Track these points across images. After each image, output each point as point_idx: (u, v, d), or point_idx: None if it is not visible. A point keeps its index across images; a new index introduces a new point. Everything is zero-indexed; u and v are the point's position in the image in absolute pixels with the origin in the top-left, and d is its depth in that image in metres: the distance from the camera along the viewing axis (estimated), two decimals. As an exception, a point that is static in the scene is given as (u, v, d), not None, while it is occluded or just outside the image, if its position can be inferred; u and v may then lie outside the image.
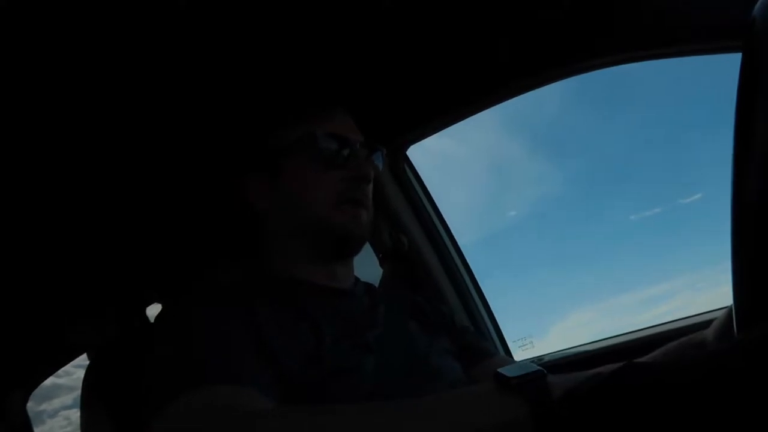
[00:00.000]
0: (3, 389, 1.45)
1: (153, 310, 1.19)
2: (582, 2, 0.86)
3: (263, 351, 0.62)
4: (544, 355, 1.36)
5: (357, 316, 0.75)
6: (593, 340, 1.30)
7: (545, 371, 0.47)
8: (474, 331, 1.18)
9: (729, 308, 0.63)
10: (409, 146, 1.29)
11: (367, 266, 1.29)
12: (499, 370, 0.48)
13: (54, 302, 1.20)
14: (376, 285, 1.29)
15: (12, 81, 0.69)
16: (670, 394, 0.38)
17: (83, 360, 1.34)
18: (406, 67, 0.98)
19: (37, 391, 1.53)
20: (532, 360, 1.34)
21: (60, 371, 1.51)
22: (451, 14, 0.86)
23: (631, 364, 0.41)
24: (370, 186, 0.79)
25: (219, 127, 0.93)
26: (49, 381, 1.54)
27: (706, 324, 1.02)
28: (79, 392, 0.94)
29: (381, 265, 1.32)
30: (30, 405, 1.52)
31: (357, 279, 0.86)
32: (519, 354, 1.45)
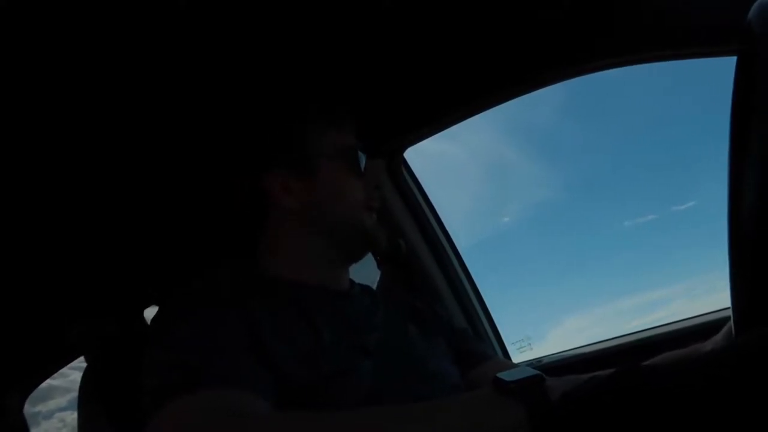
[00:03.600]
0: (1, 390, 1.44)
1: (151, 312, 1.19)
2: (581, 4, 0.87)
3: (260, 353, 0.61)
4: (542, 357, 1.36)
5: (355, 319, 0.75)
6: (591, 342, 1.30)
7: (543, 375, 0.47)
8: (472, 333, 1.18)
9: (729, 326, 0.63)
10: (407, 148, 1.29)
11: (365, 270, 1.29)
12: (497, 375, 0.48)
13: (53, 303, 1.20)
14: (374, 288, 1.29)
15: (12, 81, 0.69)
16: (667, 396, 0.38)
17: (79, 362, 1.33)
18: (404, 68, 0.98)
19: (32, 393, 1.53)
20: (530, 362, 1.34)
21: (55, 373, 1.50)
22: (449, 15, 0.86)
23: (629, 367, 0.42)
24: None
25: (212, 126, 0.93)
26: (45, 383, 1.53)
27: (703, 326, 1.02)
28: (74, 394, 0.94)
29: (379, 268, 1.32)
30: (26, 406, 1.52)
31: (352, 281, 0.86)
32: (517, 356, 1.45)
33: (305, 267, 0.78)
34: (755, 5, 0.46)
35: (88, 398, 0.94)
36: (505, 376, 0.47)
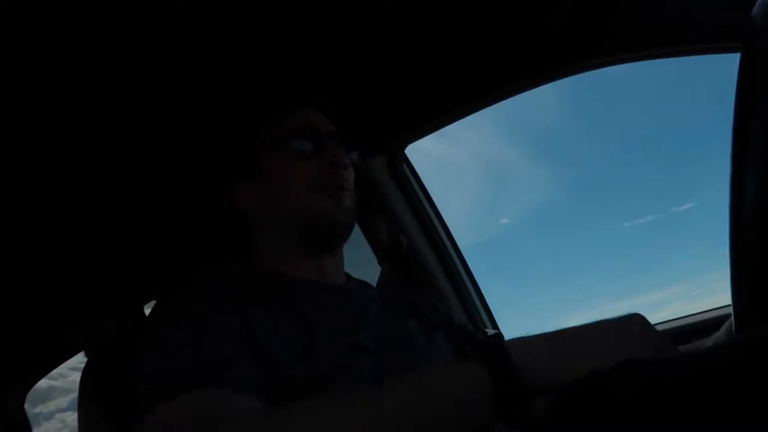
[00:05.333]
0: (1, 388, 1.44)
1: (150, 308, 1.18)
2: (581, 2, 0.86)
3: (254, 351, 0.61)
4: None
5: (352, 315, 0.75)
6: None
7: (501, 335, 0.49)
8: (472, 329, 1.18)
9: (729, 323, 0.63)
10: (407, 145, 1.29)
11: (366, 266, 1.29)
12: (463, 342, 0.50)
13: (51, 301, 1.20)
14: (374, 285, 1.29)
15: (11, 81, 0.69)
16: (668, 390, 0.38)
17: (79, 363, 1.33)
18: (406, 65, 0.98)
19: (33, 394, 1.53)
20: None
21: (55, 374, 1.50)
22: (450, 12, 0.86)
23: (628, 362, 0.42)
24: (349, 171, 0.80)
25: (214, 129, 0.93)
26: (45, 384, 1.53)
27: (704, 323, 1.02)
28: (75, 395, 0.94)
29: (379, 264, 1.32)
30: (26, 407, 1.52)
31: (349, 276, 0.86)
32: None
33: (289, 263, 0.77)
34: (759, 2, 0.46)
35: (87, 396, 0.94)
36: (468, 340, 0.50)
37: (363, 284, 0.87)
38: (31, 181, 0.88)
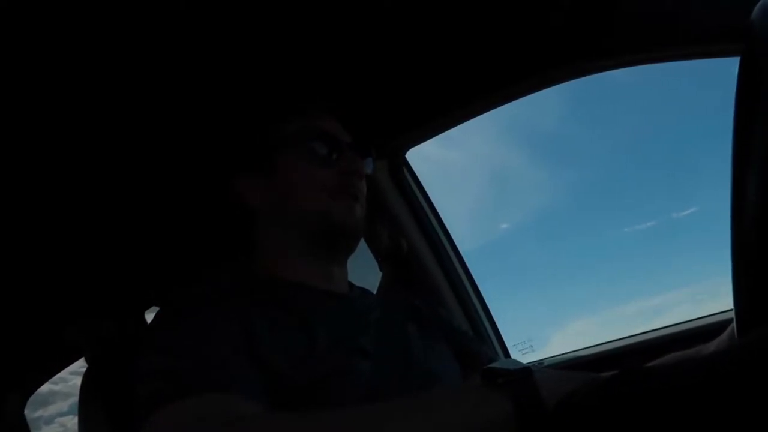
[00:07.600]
0: (1, 392, 1.44)
1: (152, 314, 1.18)
2: (582, 4, 0.86)
3: (254, 354, 0.61)
4: (543, 359, 1.36)
5: (353, 320, 0.74)
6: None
7: (531, 368, 0.47)
8: (473, 335, 1.18)
9: (732, 327, 0.63)
10: (408, 149, 1.29)
11: (367, 270, 1.29)
12: (486, 366, 0.48)
13: (52, 305, 1.20)
14: (375, 289, 1.29)
15: (12, 81, 0.69)
16: (670, 396, 0.38)
17: (79, 367, 1.33)
18: (406, 68, 0.98)
19: (33, 398, 1.52)
20: (532, 364, 1.34)
21: (56, 378, 1.50)
22: (451, 15, 0.86)
23: (630, 369, 0.41)
24: (364, 182, 0.80)
25: (215, 126, 0.93)
26: (45, 388, 1.53)
27: (707, 328, 1.01)
28: (75, 399, 0.94)
29: (380, 268, 1.31)
30: (26, 411, 1.51)
31: (352, 285, 0.85)
32: (519, 358, 1.44)
33: (293, 266, 0.77)
34: (758, 6, 0.46)
35: (88, 400, 0.94)
36: (495, 366, 0.48)
37: (364, 292, 0.87)
38: (33, 181, 0.88)
